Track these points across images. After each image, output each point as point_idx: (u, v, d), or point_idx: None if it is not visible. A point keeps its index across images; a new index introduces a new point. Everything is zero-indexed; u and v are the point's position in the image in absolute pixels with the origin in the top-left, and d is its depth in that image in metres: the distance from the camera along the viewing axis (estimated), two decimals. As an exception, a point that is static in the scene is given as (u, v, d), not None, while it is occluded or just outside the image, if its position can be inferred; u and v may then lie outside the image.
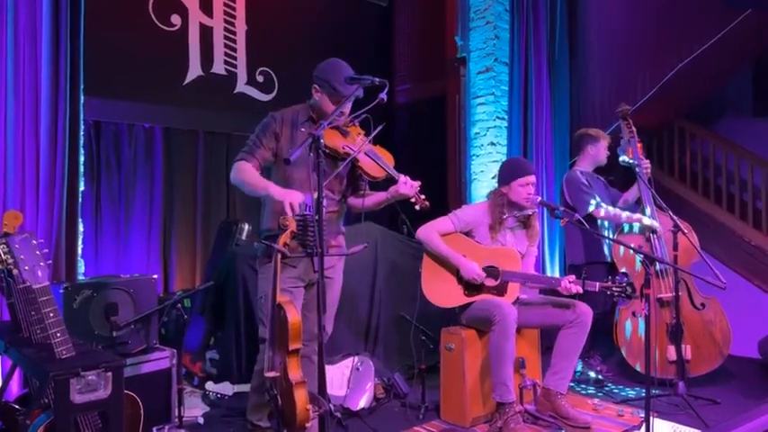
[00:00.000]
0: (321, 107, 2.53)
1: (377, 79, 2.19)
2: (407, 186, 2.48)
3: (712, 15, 4.55)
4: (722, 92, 5.86)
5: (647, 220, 3.64)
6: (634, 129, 3.86)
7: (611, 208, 3.71)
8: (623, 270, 3.68)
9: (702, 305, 3.65)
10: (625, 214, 3.69)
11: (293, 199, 2.26)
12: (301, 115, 2.59)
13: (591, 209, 3.64)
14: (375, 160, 2.51)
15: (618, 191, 4.05)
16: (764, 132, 5.67)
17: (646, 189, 3.71)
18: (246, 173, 2.48)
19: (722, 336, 3.63)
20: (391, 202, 2.64)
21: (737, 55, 5.07)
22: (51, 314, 1.93)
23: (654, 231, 3.62)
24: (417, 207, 2.52)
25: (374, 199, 2.71)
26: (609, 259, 3.81)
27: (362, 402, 3.22)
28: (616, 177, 4.56)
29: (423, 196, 2.52)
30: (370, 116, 2.39)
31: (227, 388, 3.34)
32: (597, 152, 3.94)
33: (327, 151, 2.30)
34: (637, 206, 3.90)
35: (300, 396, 1.99)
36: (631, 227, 3.74)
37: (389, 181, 2.56)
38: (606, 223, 3.90)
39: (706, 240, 3.60)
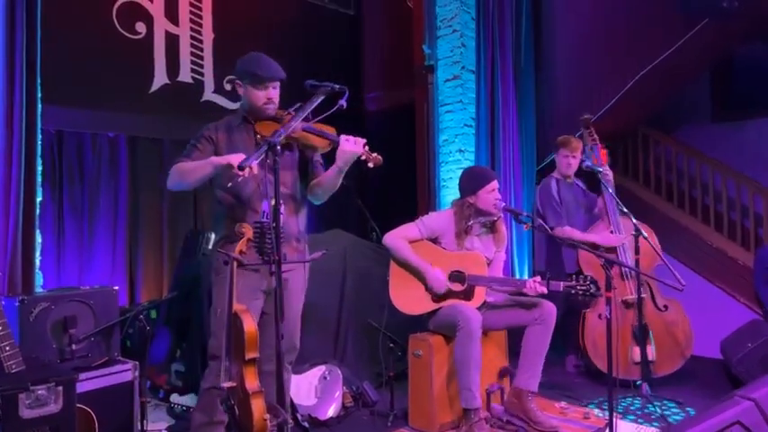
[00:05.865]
0: (249, 100, 2.43)
1: (336, 86, 2.17)
2: (350, 143, 2.30)
3: (671, 25, 4.66)
4: (681, 99, 6.00)
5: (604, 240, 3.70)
6: (596, 137, 3.92)
7: (575, 232, 3.78)
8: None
9: (665, 307, 3.73)
10: (579, 235, 3.75)
11: (233, 158, 2.14)
12: (234, 119, 2.53)
13: (552, 224, 3.74)
14: (311, 131, 2.35)
15: (596, 195, 4.06)
16: (723, 138, 5.82)
17: (610, 197, 3.77)
18: (186, 165, 2.36)
19: (684, 337, 3.72)
20: (345, 170, 2.38)
21: (695, 63, 5.19)
22: (1, 327, 1.88)
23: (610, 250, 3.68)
24: (370, 164, 2.35)
25: (328, 174, 2.47)
26: (567, 271, 3.81)
27: (331, 411, 3.19)
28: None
29: (374, 154, 2.35)
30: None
31: (192, 400, 3.28)
32: (559, 161, 3.97)
33: (260, 140, 2.21)
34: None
35: (257, 406, 1.96)
36: None
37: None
38: None
39: (671, 244, 3.68)
